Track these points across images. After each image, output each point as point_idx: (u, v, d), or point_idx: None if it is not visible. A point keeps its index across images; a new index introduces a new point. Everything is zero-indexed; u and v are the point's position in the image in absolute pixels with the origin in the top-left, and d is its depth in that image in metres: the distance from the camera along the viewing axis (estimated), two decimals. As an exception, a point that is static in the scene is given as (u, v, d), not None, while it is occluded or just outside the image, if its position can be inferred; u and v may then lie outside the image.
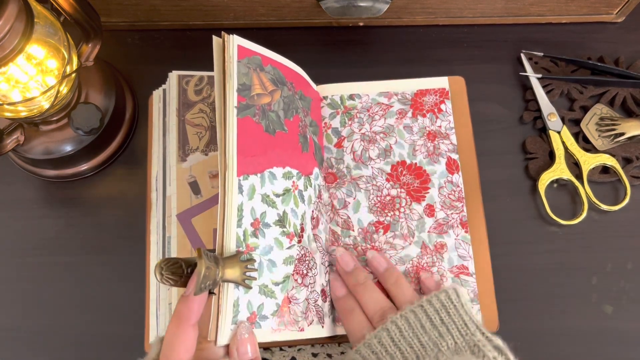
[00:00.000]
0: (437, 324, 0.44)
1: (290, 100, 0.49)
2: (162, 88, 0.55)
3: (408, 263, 0.52)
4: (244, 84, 0.44)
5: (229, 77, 0.44)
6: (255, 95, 0.45)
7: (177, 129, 0.53)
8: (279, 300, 0.44)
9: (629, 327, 0.53)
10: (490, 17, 0.61)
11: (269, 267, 0.44)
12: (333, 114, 0.56)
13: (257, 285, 0.43)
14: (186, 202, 0.52)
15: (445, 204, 0.53)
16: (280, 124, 0.47)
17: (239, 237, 0.42)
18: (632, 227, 0.55)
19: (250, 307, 0.42)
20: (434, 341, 0.43)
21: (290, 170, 0.47)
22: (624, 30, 0.62)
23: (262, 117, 0.45)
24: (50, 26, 0.47)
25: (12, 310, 0.54)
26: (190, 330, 0.38)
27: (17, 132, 0.52)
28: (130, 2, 0.57)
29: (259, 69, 0.46)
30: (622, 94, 0.58)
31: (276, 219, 0.45)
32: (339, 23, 0.62)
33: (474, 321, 0.44)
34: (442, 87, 0.57)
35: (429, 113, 0.56)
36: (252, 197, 0.43)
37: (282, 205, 0.46)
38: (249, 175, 0.43)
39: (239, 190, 0.42)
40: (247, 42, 0.46)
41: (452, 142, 0.55)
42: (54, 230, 0.56)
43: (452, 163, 0.54)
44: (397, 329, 0.44)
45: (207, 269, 0.37)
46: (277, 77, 0.48)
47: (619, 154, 0.57)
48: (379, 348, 0.44)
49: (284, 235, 0.45)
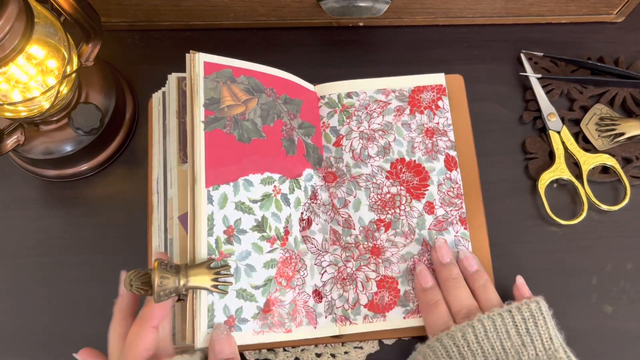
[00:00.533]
0: (522, 333, 0.44)
1: (270, 106, 0.51)
2: (162, 91, 0.55)
3: (409, 261, 0.51)
4: (211, 98, 0.48)
5: (195, 93, 0.47)
6: (225, 107, 0.48)
7: (177, 131, 0.53)
8: (260, 303, 0.46)
9: (629, 327, 0.53)
10: (490, 17, 0.61)
11: (246, 271, 0.46)
12: (331, 113, 0.56)
13: (235, 290, 0.45)
14: (187, 204, 0.51)
15: (445, 201, 0.53)
16: (257, 131, 0.49)
17: (211, 245, 0.45)
18: (632, 227, 0.55)
19: (227, 311, 0.44)
20: (516, 349, 0.44)
21: (271, 175, 0.49)
22: (624, 30, 0.62)
23: (234, 127, 0.48)
24: (51, 26, 0.47)
25: (12, 310, 0.54)
26: (150, 331, 0.41)
27: (17, 132, 0.52)
28: (131, 2, 0.57)
29: (229, 81, 0.49)
30: (622, 94, 0.58)
31: (254, 224, 0.47)
32: (339, 23, 0.62)
33: (559, 337, 0.45)
34: (439, 84, 0.56)
35: (426, 110, 0.56)
36: (224, 206, 0.46)
37: (261, 210, 0.48)
38: (220, 185, 0.46)
39: (209, 201, 0.46)
40: (215, 57, 0.49)
41: (450, 139, 0.55)
42: (54, 230, 0.56)
43: (451, 160, 0.54)
44: (483, 328, 0.44)
45: (163, 279, 0.40)
46: (252, 85, 0.50)
47: (618, 154, 0.57)
48: (461, 342, 0.44)
49: (263, 239, 0.47)
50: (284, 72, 0.53)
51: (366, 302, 0.50)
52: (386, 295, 0.51)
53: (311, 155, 0.53)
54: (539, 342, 0.44)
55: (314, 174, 0.53)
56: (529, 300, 0.45)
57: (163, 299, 0.40)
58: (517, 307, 0.45)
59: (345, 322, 0.50)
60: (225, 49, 0.62)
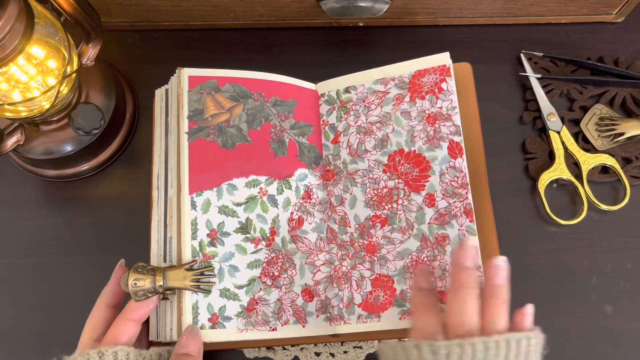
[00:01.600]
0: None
1: (258, 110, 0.52)
2: (165, 88, 0.55)
3: (407, 258, 0.49)
4: (195, 109, 0.50)
5: (180, 107, 0.50)
6: (209, 117, 0.50)
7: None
8: (244, 302, 0.48)
9: (628, 326, 0.53)
10: (490, 18, 0.61)
11: (230, 272, 0.48)
12: (330, 110, 0.55)
13: (218, 289, 0.47)
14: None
15: (447, 192, 0.49)
16: (242, 136, 0.51)
17: (195, 248, 0.47)
18: (632, 227, 0.55)
19: (211, 309, 0.46)
20: None
21: (257, 177, 0.51)
22: (624, 30, 0.62)
23: (217, 135, 0.50)
24: (51, 26, 0.47)
25: (12, 310, 0.54)
26: (131, 324, 0.45)
27: (18, 132, 0.52)
28: (131, 2, 0.57)
29: (213, 91, 0.51)
30: (622, 94, 0.59)
31: (237, 226, 0.49)
32: (339, 23, 0.62)
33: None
34: (443, 64, 0.52)
35: (428, 94, 0.52)
36: (207, 211, 0.49)
37: (245, 212, 0.50)
38: (203, 192, 0.49)
39: (192, 207, 0.48)
40: (201, 71, 0.51)
41: (455, 124, 0.51)
42: (54, 230, 0.56)
43: (455, 146, 0.50)
44: (472, 354, 0.39)
45: (138, 280, 0.44)
46: (238, 92, 0.52)
47: (618, 154, 0.57)
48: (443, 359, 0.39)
49: (247, 241, 0.49)
50: (275, 75, 0.53)
51: (360, 302, 0.49)
52: (381, 295, 0.49)
53: (305, 155, 0.53)
54: None
55: (308, 173, 0.52)
56: (529, 334, 0.41)
57: (141, 298, 0.44)
58: (517, 340, 0.40)
59: (339, 322, 0.49)
60: (225, 49, 0.62)
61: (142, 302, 0.45)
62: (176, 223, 0.49)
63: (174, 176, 0.50)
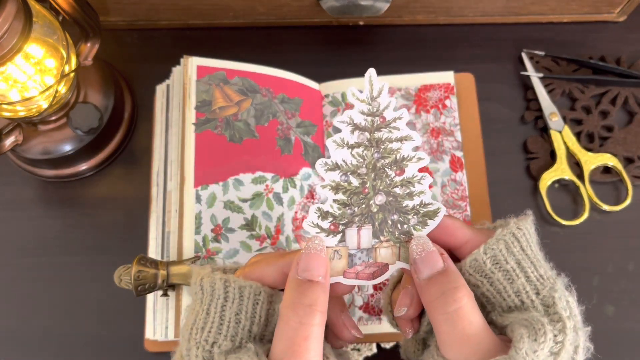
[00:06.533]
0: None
1: (266, 105, 0.52)
2: (166, 83, 0.55)
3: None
4: (203, 100, 0.49)
5: (187, 96, 0.49)
6: (217, 109, 0.50)
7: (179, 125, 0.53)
8: None
9: (630, 328, 0.52)
10: (491, 16, 0.61)
11: None
12: (334, 112, 0.55)
13: None
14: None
15: (448, 203, 0.52)
16: (250, 131, 0.50)
17: (198, 243, 0.47)
18: (634, 227, 0.55)
19: None
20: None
21: (263, 174, 0.50)
22: (626, 29, 0.62)
23: (225, 128, 0.50)
24: (49, 25, 0.47)
25: (11, 310, 0.53)
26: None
27: (16, 131, 0.51)
28: (129, 1, 0.57)
29: (222, 83, 0.50)
30: (624, 94, 0.58)
31: (243, 223, 0.48)
32: (339, 22, 0.61)
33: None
34: (447, 82, 0.56)
35: (432, 109, 0.55)
36: (213, 205, 0.48)
37: (251, 209, 0.49)
38: (209, 185, 0.48)
39: (197, 200, 0.47)
40: (209, 61, 0.50)
41: (457, 139, 0.54)
42: (53, 230, 0.55)
43: (456, 161, 0.54)
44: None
45: (140, 272, 0.43)
46: (247, 86, 0.51)
47: (620, 154, 0.56)
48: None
49: (252, 238, 0.49)
50: (284, 71, 0.53)
51: (361, 304, 0.50)
52: (382, 298, 0.50)
53: (310, 154, 0.53)
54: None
55: (312, 173, 0.52)
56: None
57: (142, 293, 0.43)
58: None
59: None
60: (225, 48, 0.62)
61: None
62: (177, 217, 0.48)
63: (174, 170, 0.50)
